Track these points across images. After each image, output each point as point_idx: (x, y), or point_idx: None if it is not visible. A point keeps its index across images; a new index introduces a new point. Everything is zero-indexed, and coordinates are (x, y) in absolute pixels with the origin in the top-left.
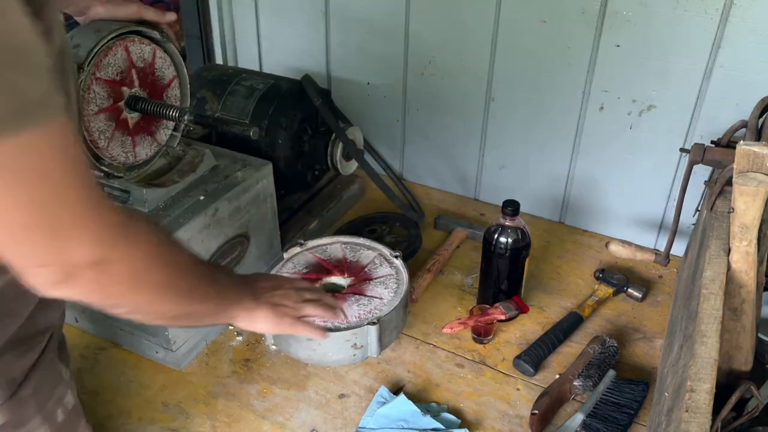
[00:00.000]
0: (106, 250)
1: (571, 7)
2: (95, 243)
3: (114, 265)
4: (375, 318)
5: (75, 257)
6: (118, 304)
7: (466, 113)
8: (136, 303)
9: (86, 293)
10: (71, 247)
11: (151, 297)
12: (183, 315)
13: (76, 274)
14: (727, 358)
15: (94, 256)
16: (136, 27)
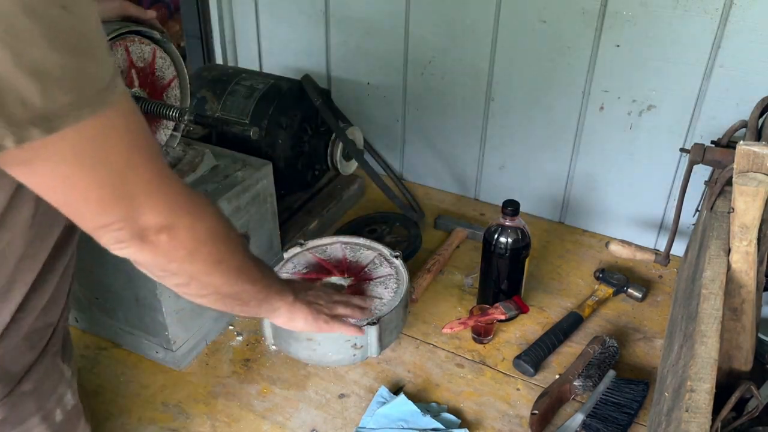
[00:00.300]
0: (173, 217)
1: (571, 7)
2: (164, 210)
3: (180, 231)
4: (375, 318)
5: (146, 221)
6: (177, 271)
7: (466, 113)
8: (193, 271)
9: (152, 255)
10: (143, 213)
11: (208, 268)
12: (232, 294)
13: (146, 236)
14: (727, 358)
15: (163, 222)
16: (136, 27)
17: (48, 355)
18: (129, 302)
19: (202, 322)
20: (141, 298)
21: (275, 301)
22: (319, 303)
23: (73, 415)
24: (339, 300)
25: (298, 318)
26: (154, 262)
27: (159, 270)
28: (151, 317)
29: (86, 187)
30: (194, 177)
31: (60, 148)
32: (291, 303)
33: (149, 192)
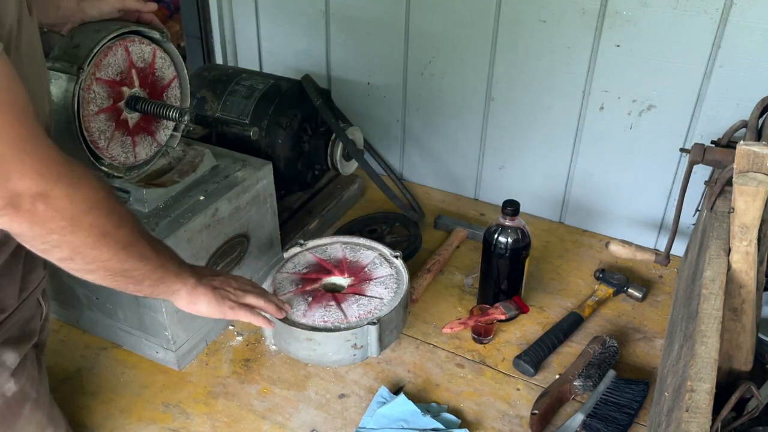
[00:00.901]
0: (47, 183)
1: (571, 7)
2: (36, 175)
3: (56, 200)
4: (375, 318)
5: (17, 186)
6: (59, 244)
7: (466, 113)
8: (77, 244)
9: (29, 225)
10: (11, 177)
11: (91, 240)
12: (122, 271)
13: (19, 203)
14: (727, 358)
15: (36, 188)
16: (136, 27)
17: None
18: (129, 302)
19: (202, 322)
20: (141, 298)
21: (173, 283)
22: (226, 289)
23: (12, 403)
24: (251, 290)
25: (200, 301)
26: (31, 232)
27: (40, 242)
28: (151, 317)
29: None
30: (194, 177)
31: None
32: (192, 286)
33: (19, 155)
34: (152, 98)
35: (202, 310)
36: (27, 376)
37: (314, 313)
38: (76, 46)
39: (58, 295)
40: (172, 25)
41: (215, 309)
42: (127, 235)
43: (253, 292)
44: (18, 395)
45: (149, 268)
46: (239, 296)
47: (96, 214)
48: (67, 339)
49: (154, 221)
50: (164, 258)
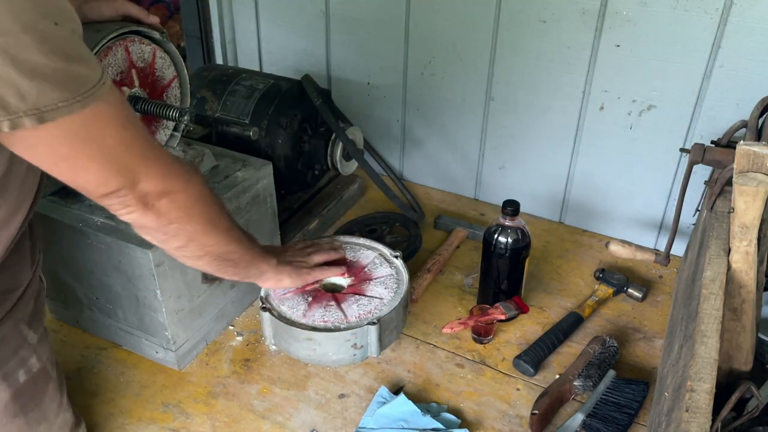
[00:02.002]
0: (169, 182)
1: (571, 7)
2: (160, 177)
3: (176, 195)
4: (375, 318)
5: (146, 188)
6: (177, 233)
7: (466, 113)
8: (191, 231)
9: (156, 217)
10: (141, 180)
11: (203, 227)
12: (225, 254)
13: (148, 201)
14: (727, 358)
15: (161, 187)
16: (137, 27)
17: (10, 320)
18: (129, 302)
19: (202, 322)
20: (141, 298)
21: (261, 263)
22: (298, 261)
23: (40, 378)
24: (312, 251)
25: (284, 277)
26: (157, 224)
27: (161, 233)
28: (151, 317)
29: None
30: None
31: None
32: (275, 266)
33: (144, 163)
34: (152, 98)
35: (287, 283)
36: (46, 355)
37: (314, 313)
38: None
39: (58, 295)
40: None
41: (297, 279)
42: (227, 221)
43: (316, 250)
44: (42, 372)
45: (243, 250)
46: (309, 261)
47: (204, 204)
48: (67, 339)
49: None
50: (252, 243)
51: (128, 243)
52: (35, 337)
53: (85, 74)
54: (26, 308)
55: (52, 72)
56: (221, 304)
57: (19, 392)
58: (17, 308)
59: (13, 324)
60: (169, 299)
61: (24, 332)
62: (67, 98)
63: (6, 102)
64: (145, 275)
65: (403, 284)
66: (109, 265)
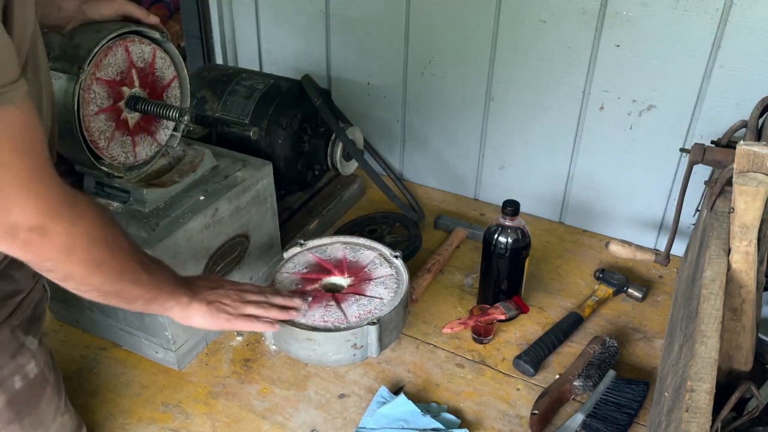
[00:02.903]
0: (47, 220)
1: (571, 7)
2: (36, 212)
3: (53, 236)
4: (375, 318)
5: (15, 220)
6: (52, 269)
7: (466, 113)
8: (69, 272)
9: (22, 253)
10: (12, 212)
11: (84, 270)
12: (113, 292)
13: (16, 234)
14: (727, 358)
15: (34, 222)
16: (137, 27)
17: (7, 327)
18: None
19: None
20: None
21: (165, 302)
22: (222, 302)
23: (36, 384)
24: (253, 300)
25: (194, 316)
26: (25, 258)
27: (35, 265)
28: (151, 317)
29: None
30: (194, 177)
31: None
32: (186, 304)
33: (21, 192)
34: (152, 98)
35: (197, 323)
36: (44, 360)
37: (314, 313)
38: (76, 46)
39: (58, 295)
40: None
41: (210, 322)
42: (121, 263)
43: (254, 301)
44: (39, 377)
45: (141, 290)
46: (237, 308)
47: (91, 248)
48: (67, 339)
49: (154, 221)
50: (158, 279)
51: None
52: (35, 342)
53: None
54: (24, 314)
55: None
56: None
57: (14, 398)
58: (15, 315)
59: (10, 330)
60: None
61: (21, 338)
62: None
63: None
64: None
65: (403, 284)
66: None
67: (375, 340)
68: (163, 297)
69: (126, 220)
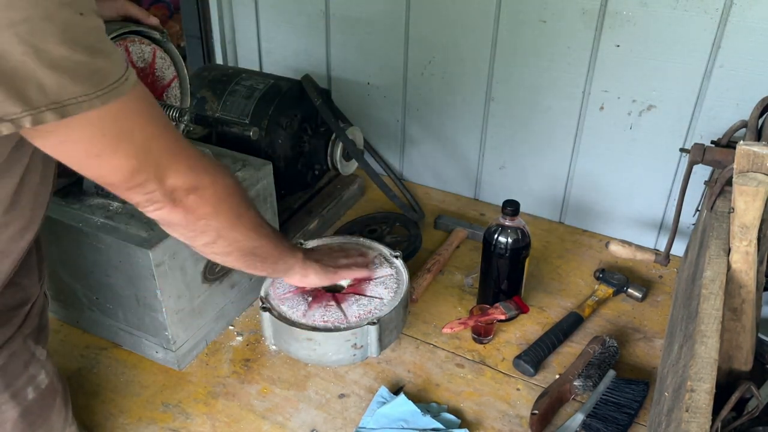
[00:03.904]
0: (197, 178)
1: (571, 7)
2: (188, 172)
3: (204, 190)
4: (375, 318)
5: (174, 183)
6: (205, 229)
7: (466, 113)
8: (219, 227)
9: (184, 213)
10: (169, 176)
11: (230, 221)
12: (252, 249)
13: (176, 197)
14: (727, 358)
15: (189, 183)
16: (137, 27)
17: (19, 337)
18: (129, 302)
19: (202, 322)
20: (141, 298)
21: (289, 258)
22: (324, 259)
23: (47, 394)
24: (339, 254)
25: (310, 273)
26: (185, 220)
27: (189, 230)
28: (151, 317)
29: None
30: None
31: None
32: (302, 260)
33: (171, 159)
34: None
35: (313, 280)
36: (53, 369)
37: (314, 313)
38: None
39: (58, 295)
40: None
41: (323, 277)
42: (254, 216)
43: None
44: (50, 387)
45: (272, 245)
46: (335, 262)
47: (232, 199)
48: (67, 339)
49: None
50: (279, 238)
51: (128, 243)
52: (44, 353)
53: (107, 69)
54: (33, 323)
55: (74, 65)
56: (221, 304)
57: (27, 410)
58: (26, 324)
59: (22, 340)
60: (169, 299)
61: (32, 348)
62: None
63: (27, 95)
64: (145, 275)
65: (403, 284)
66: (109, 265)
67: (375, 340)
68: (287, 254)
69: (126, 220)
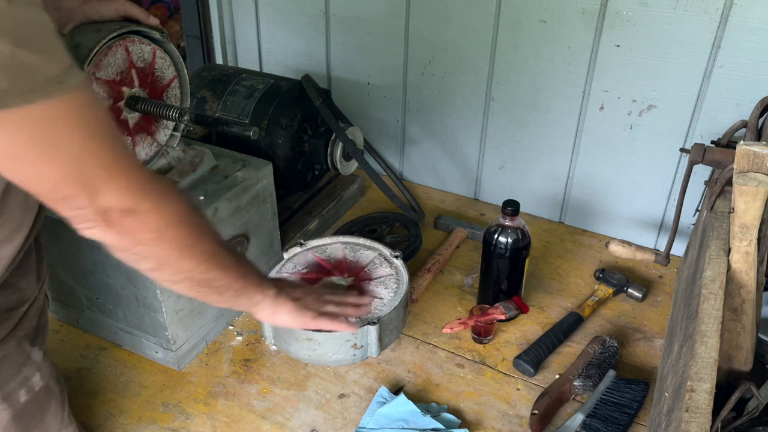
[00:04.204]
0: (137, 200)
1: (571, 7)
2: (126, 193)
3: (144, 215)
4: (375, 318)
5: (107, 203)
6: (147, 255)
7: (466, 113)
8: (163, 255)
9: (119, 237)
10: (103, 194)
11: (176, 252)
12: (206, 281)
13: (110, 218)
14: (727, 358)
15: (126, 204)
16: (137, 27)
17: (13, 339)
18: (129, 302)
19: (202, 322)
20: (141, 298)
21: (255, 293)
22: (306, 300)
23: (42, 396)
24: (331, 299)
25: (281, 312)
26: (121, 244)
27: (129, 253)
28: (151, 317)
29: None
30: (194, 177)
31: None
32: (273, 297)
33: (108, 176)
34: (152, 98)
35: (284, 320)
36: (49, 371)
37: None
38: (76, 45)
39: (58, 295)
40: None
41: (297, 320)
42: (209, 247)
43: (332, 301)
44: (45, 390)
45: (231, 278)
46: (319, 306)
47: (180, 228)
48: (67, 339)
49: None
50: (245, 270)
51: None
52: (40, 354)
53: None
54: (29, 325)
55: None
56: None
57: (19, 413)
58: (21, 326)
59: (16, 342)
60: (169, 299)
61: (27, 350)
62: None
63: None
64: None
65: (403, 284)
66: (109, 265)
67: (375, 340)
68: (252, 289)
69: None
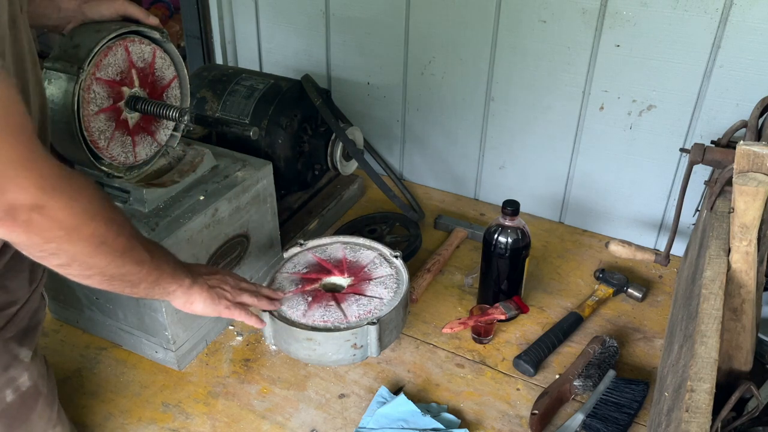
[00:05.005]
0: (45, 196)
1: (571, 7)
2: (34, 189)
3: (53, 211)
4: (375, 318)
5: (13, 199)
6: (56, 252)
7: (466, 113)
8: (73, 252)
9: (26, 235)
10: (9, 191)
11: (88, 249)
12: (119, 276)
13: (16, 215)
14: (727, 358)
15: (33, 200)
16: (137, 27)
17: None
18: (129, 302)
19: (202, 322)
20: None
21: (168, 284)
22: (222, 288)
23: (28, 396)
24: (246, 288)
25: (196, 301)
26: (29, 242)
27: (37, 250)
28: (151, 317)
29: None
30: (194, 177)
31: None
32: (188, 286)
33: (14, 171)
34: (152, 98)
35: (198, 309)
36: (38, 371)
37: (314, 312)
38: (76, 46)
39: (58, 295)
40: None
41: (211, 308)
42: (124, 242)
43: (248, 290)
44: (32, 390)
45: (145, 271)
46: (235, 295)
47: (95, 225)
48: (67, 339)
49: (154, 221)
50: (160, 260)
51: None
52: (29, 354)
53: None
54: (19, 326)
55: None
56: None
57: (4, 413)
58: (8, 327)
59: (3, 343)
60: None
61: (15, 350)
62: None
63: None
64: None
65: (403, 284)
66: None
67: (375, 340)
68: (166, 279)
69: None
